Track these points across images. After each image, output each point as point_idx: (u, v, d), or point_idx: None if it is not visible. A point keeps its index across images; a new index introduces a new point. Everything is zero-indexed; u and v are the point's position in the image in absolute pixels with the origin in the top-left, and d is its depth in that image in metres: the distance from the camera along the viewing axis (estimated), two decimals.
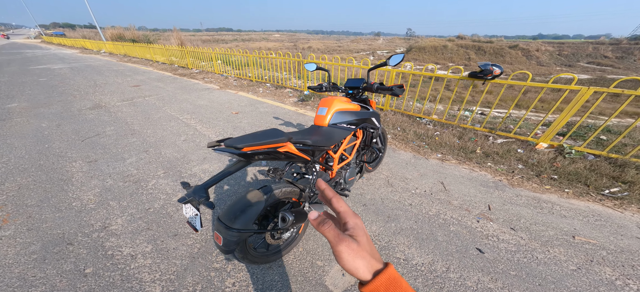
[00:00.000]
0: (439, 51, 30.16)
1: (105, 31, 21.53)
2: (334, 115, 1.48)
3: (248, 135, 0.98)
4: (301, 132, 1.32)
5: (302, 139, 1.20)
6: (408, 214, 1.87)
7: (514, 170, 2.57)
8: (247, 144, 0.91)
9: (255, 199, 1.13)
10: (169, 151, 2.71)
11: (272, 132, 1.03)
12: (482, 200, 2.07)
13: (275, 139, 1.01)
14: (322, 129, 1.42)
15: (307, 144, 1.21)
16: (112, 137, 2.98)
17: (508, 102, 10.91)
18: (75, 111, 3.88)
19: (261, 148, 0.96)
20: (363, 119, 1.67)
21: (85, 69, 8.39)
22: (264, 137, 0.99)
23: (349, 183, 1.83)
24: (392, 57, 1.52)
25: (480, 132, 3.41)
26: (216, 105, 4.51)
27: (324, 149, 1.37)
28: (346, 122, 1.54)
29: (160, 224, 1.74)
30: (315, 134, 1.33)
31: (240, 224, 1.04)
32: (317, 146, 1.29)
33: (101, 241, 1.58)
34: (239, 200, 1.13)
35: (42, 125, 3.26)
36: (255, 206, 1.10)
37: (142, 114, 3.83)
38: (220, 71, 7.62)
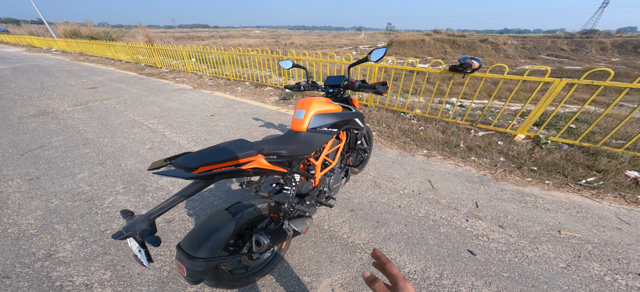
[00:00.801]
0: (418, 45, 31.08)
1: (57, 27, 19.11)
2: (313, 119, 1.32)
3: (207, 151, 0.80)
4: (275, 141, 1.15)
5: (276, 150, 1.05)
6: (397, 218, 1.80)
7: (496, 163, 2.60)
8: (202, 163, 0.74)
9: (223, 221, 0.95)
10: (131, 162, 2.37)
11: (238, 145, 0.88)
12: (469, 197, 2.06)
13: (242, 153, 0.84)
14: (300, 135, 1.27)
15: (282, 155, 1.06)
16: (60, 148, 2.55)
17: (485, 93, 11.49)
18: (15, 119, 3.31)
19: (222, 167, 0.80)
20: (345, 121, 1.53)
21: (30, 70, 7.35)
22: (226, 152, 0.82)
23: (334, 190, 1.69)
24: (374, 52, 1.38)
25: (462, 125, 3.45)
26: (188, 107, 4.12)
27: (303, 157, 1.22)
28: (327, 126, 1.39)
29: (121, 247, 1.49)
30: (292, 142, 1.18)
31: (206, 252, 0.87)
32: (294, 156, 1.14)
33: (46, 270, 1.34)
34: (204, 223, 0.95)
35: None
36: (223, 230, 0.93)
37: (99, 120, 3.36)
38: (194, 70, 7.07)
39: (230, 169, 0.83)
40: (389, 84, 1.88)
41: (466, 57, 2.96)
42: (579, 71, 19.11)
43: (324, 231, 1.71)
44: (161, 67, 7.98)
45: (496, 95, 9.51)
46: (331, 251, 1.54)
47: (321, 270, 1.42)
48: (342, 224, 1.76)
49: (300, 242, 1.60)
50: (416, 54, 29.03)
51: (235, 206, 1.05)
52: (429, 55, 28.97)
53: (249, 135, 3.11)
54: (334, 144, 1.63)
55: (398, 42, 32.07)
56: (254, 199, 1.13)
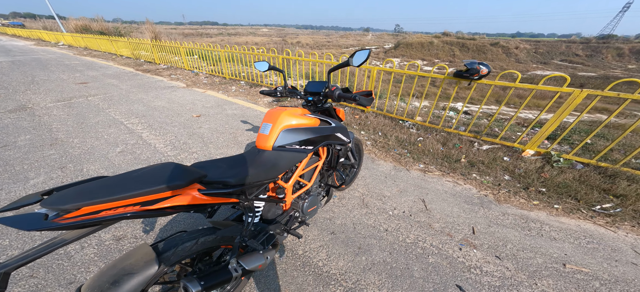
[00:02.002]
0: (426, 47, 30.51)
1: (69, 22, 19.45)
2: (281, 135, 1.08)
3: (111, 180, 0.62)
4: (228, 163, 0.92)
5: (222, 177, 0.83)
6: (382, 244, 1.61)
7: (500, 182, 2.34)
8: (87, 202, 0.54)
9: (141, 262, 0.73)
10: (95, 167, 2.17)
11: (162, 173, 0.69)
12: (466, 221, 1.84)
13: (159, 186, 0.64)
14: (263, 156, 1.03)
15: (229, 184, 0.84)
16: (23, 149, 2.37)
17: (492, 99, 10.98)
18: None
19: (119, 206, 0.60)
20: (324, 137, 1.28)
21: (29, 63, 7.33)
22: (135, 184, 0.62)
23: (309, 214, 1.45)
24: (356, 54, 1.13)
25: (465, 137, 3.15)
26: (176, 106, 3.94)
27: (263, 183, 0.99)
28: (299, 143, 1.14)
29: (51, 268, 1.27)
30: (250, 164, 0.95)
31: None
32: (250, 183, 0.91)
33: None
34: (116, 263, 0.73)
35: None
36: (138, 275, 0.71)
37: (76, 118, 3.19)
38: (191, 67, 6.92)
39: (134, 211, 0.62)
40: (375, 93, 1.62)
41: (473, 62, 2.67)
42: (594, 78, 18.31)
43: (297, 256, 1.50)
44: (159, 63, 7.86)
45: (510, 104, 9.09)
46: (302, 281, 1.35)
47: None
48: (320, 249, 1.55)
49: (268, 267, 1.39)
50: (423, 57, 28.49)
51: (168, 240, 0.84)
52: (437, 58, 28.39)
53: (233, 141, 2.89)
54: (312, 162, 1.39)
55: (405, 44, 31.57)
56: (195, 233, 0.91)
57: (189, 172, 0.73)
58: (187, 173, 0.73)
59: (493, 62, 25.97)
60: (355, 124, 3.58)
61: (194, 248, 0.87)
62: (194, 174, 0.74)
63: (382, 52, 32.48)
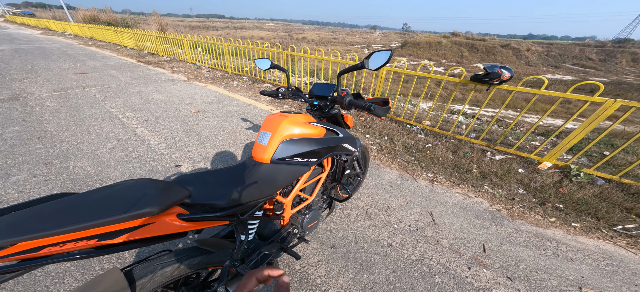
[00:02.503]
0: (434, 47, 29.93)
1: (78, 12, 19.55)
2: (281, 147, 0.94)
3: (65, 203, 0.49)
4: (218, 176, 0.79)
5: (209, 199, 0.69)
6: (386, 260, 1.50)
7: (514, 196, 2.18)
8: (22, 237, 0.41)
9: (107, 291, 0.59)
10: (82, 164, 2.04)
11: (133, 193, 0.56)
12: (477, 237, 1.72)
13: (125, 214, 0.50)
14: (260, 170, 0.88)
15: (217, 207, 0.70)
16: (9, 142, 2.26)
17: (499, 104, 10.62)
18: None
19: (74, 239, 0.47)
20: (329, 148, 1.13)
21: (32, 51, 7.27)
22: (100, 209, 0.50)
23: (309, 229, 1.31)
24: (374, 56, 0.95)
25: (477, 145, 2.95)
26: (175, 100, 3.80)
27: (258, 202, 0.85)
28: (301, 155, 0.99)
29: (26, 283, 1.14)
30: (243, 181, 0.81)
31: None
32: (243, 204, 0.77)
33: None
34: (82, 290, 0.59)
35: None
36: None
37: (69, 110, 3.08)
38: (193, 60, 6.78)
39: (87, 249, 0.49)
40: (392, 102, 1.45)
41: (495, 66, 2.47)
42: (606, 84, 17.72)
43: (294, 272, 1.39)
44: (162, 55, 7.74)
45: (512, 107, 8.77)
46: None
47: None
48: (318, 265, 1.43)
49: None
50: (431, 57, 27.97)
51: (144, 264, 0.72)
52: (444, 58, 27.85)
53: (231, 140, 2.74)
54: (314, 174, 1.25)
55: (413, 43, 31.02)
56: (177, 255, 0.78)
57: (168, 193, 0.59)
58: (165, 194, 0.58)
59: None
60: (360, 126, 3.41)
61: (175, 273, 0.74)
62: (173, 196, 0.60)
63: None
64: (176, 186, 0.66)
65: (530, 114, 9.09)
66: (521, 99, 9.64)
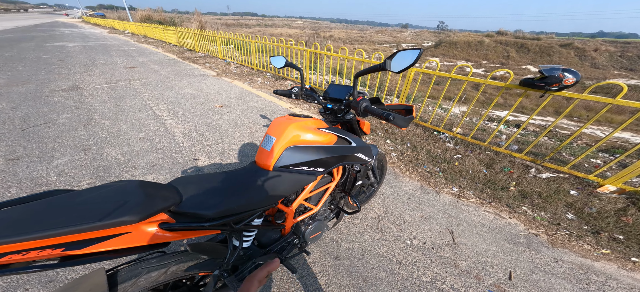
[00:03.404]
0: (473, 47, 27.37)
1: (137, 13, 22.28)
2: (285, 153, 0.87)
3: (14, 213, 0.45)
4: (214, 181, 0.75)
5: (197, 207, 0.64)
6: (392, 278, 1.37)
7: (559, 221, 1.86)
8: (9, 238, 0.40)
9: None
10: (115, 152, 2.24)
11: (114, 197, 0.54)
12: (503, 263, 1.52)
13: (97, 223, 0.46)
14: (260, 178, 0.83)
15: (205, 218, 0.64)
16: (60, 127, 2.59)
17: (550, 112, 9.17)
18: (46, 92, 3.60)
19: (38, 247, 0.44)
20: (340, 158, 1.03)
21: (96, 48, 8.41)
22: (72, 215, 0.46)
23: (311, 240, 1.23)
24: (398, 55, 0.80)
25: (520, 160, 2.55)
26: (203, 95, 4.03)
27: (256, 211, 0.79)
28: (306, 164, 0.91)
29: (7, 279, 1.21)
30: (240, 188, 0.77)
31: None
32: (237, 213, 0.72)
33: None
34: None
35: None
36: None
37: (114, 101, 3.44)
38: (224, 56, 7.17)
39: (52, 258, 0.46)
40: (416, 112, 1.29)
41: (555, 69, 2.09)
42: None
43: (292, 281, 1.32)
44: (198, 51, 8.34)
45: (569, 117, 7.53)
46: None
47: None
48: (319, 275, 1.36)
49: None
50: (469, 57, 25.60)
51: (130, 266, 0.69)
52: (486, 59, 25.26)
53: (248, 136, 2.78)
54: (322, 183, 1.16)
55: (448, 42, 28.76)
56: (167, 258, 0.75)
57: (153, 200, 0.56)
58: (150, 202, 0.55)
59: None
60: (380, 130, 3.20)
61: (161, 278, 0.71)
62: (158, 204, 0.56)
63: None
64: (166, 191, 0.63)
65: (595, 126, 7.68)
66: (580, 107, 8.21)
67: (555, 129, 4.53)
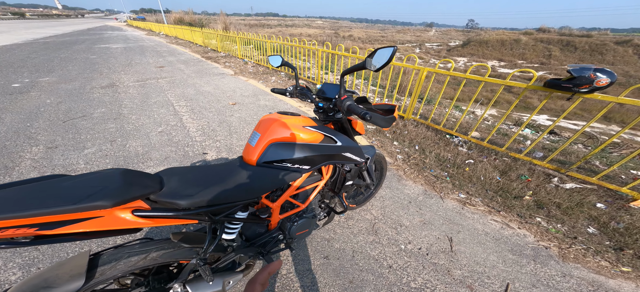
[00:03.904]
0: (507, 46, 25.16)
1: (170, 15, 24.22)
2: (268, 149, 0.89)
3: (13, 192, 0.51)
4: (198, 173, 0.79)
5: (173, 196, 0.66)
6: (379, 282, 1.35)
7: (577, 234, 1.70)
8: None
9: (64, 277, 0.63)
10: (136, 144, 2.48)
11: (94, 182, 0.58)
12: (502, 274, 1.44)
13: (69, 206, 0.50)
14: (242, 172, 0.86)
15: (180, 207, 0.67)
16: (94, 120, 2.93)
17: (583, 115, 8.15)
18: (88, 89, 4.08)
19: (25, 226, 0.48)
20: (326, 156, 1.04)
21: (134, 49, 9.29)
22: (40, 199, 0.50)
23: (297, 238, 1.25)
24: (378, 53, 0.82)
25: (541, 168, 2.32)
26: (219, 92, 4.26)
27: (235, 204, 0.82)
28: (291, 161, 0.93)
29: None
30: (221, 181, 0.79)
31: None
32: (213, 205, 0.74)
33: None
34: (39, 274, 0.65)
35: (46, 101, 3.44)
36: (58, 289, 0.61)
37: (141, 98, 3.79)
38: (242, 56, 7.48)
39: (27, 236, 0.50)
40: (397, 112, 1.26)
41: (585, 68, 1.88)
42: None
43: (280, 276, 1.35)
44: (220, 51, 8.80)
45: (608, 120, 6.62)
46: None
47: None
48: (305, 273, 1.37)
49: (242, 283, 1.28)
50: (502, 57, 23.57)
51: (114, 251, 0.74)
52: (522, 58, 23.07)
53: None
54: (310, 181, 1.16)
55: (478, 41, 26.77)
56: (150, 244, 0.80)
57: (130, 188, 0.59)
58: (126, 189, 0.58)
59: (614, 66, 19.42)
60: (388, 131, 3.12)
61: (140, 263, 0.74)
62: (134, 191, 0.60)
63: (446, 50, 28.46)
64: (147, 180, 0.66)
65: (635, 131, 6.62)
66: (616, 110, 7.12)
67: (599, 136, 4.01)
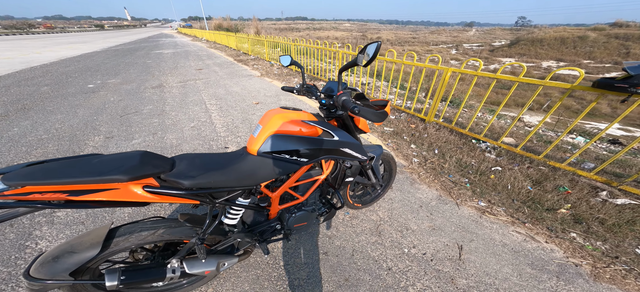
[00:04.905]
0: (569, 44, 21.79)
1: (212, 22, 26.81)
2: (269, 140, 0.96)
3: (56, 165, 0.64)
4: (206, 159, 0.88)
5: (178, 176, 0.76)
6: (376, 284, 1.32)
7: (620, 254, 1.47)
8: (40, 181, 0.57)
9: (88, 242, 0.80)
10: (171, 137, 2.84)
11: (116, 162, 0.69)
12: (515, 288, 1.31)
13: (93, 177, 0.62)
14: (244, 160, 0.94)
15: (183, 187, 0.75)
16: (143, 116, 3.42)
17: None
18: (142, 89, 4.76)
19: (58, 192, 0.60)
20: (326, 151, 1.08)
21: (181, 54, 10.48)
22: (75, 170, 0.63)
23: (295, 230, 1.29)
24: (367, 49, 0.88)
25: (587, 180, 2.01)
26: (245, 93, 4.59)
27: (234, 189, 0.91)
28: (289, 152, 0.99)
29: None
30: (224, 167, 0.88)
31: (43, 273, 0.74)
32: (212, 188, 0.83)
33: None
34: (68, 242, 0.82)
35: (110, 99, 4.11)
36: (79, 254, 0.78)
37: (181, 97, 4.29)
38: (270, 58, 7.89)
39: (59, 200, 0.61)
40: (389, 108, 1.25)
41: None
42: None
43: (278, 266, 1.40)
44: (251, 54, 9.41)
45: None
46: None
47: None
48: (303, 267, 1.40)
49: (240, 267, 1.37)
50: (561, 56, 20.46)
51: (129, 225, 0.88)
52: (589, 57, 19.73)
53: None
54: (310, 175, 1.21)
55: (529, 40, 23.71)
56: (160, 222, 0.93)
57: (144, 167, 0.70)
58: (141, 168, 0.69)
59: None
60: (406, 134, 3.00)
61: (149, 238, 0.86)
62: (147, 170, 0.70)
63: (488, 50, 25.73)
64: (160, 162, 0.77)
65: None
66: None
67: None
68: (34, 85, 4.92)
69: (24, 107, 3.65)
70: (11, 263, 1.37)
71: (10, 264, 1.36)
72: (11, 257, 1.40)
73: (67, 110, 3.55)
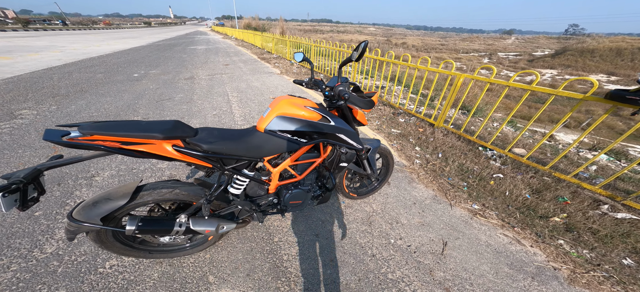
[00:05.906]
0: (625, 56, 19.35)
1: (242, 21, 28.29)
2: (274, 120, 1.11)
3: (115, 123, 0.86)
4: (223, 133, 1.08)
5: (199, 142, 0.95)
6: (359, 267, 1.42)
7: (604, 262, 1.48)
8: (97, 132, 0.79)
9: (120, 193, 0.99)
10: (195, 121, 3.21)
11: (156, 125, 0.87)
12: (488, 284, 1.37)
13: (137, 134, 0.84)
14: (252, 135, 1.11)
15: (201, 149, 0.94)
16: (175, 102, 3.87)
17: None
18: (176, 79, 5.33)
19: (115, 141, 0.80)
20: (323, 133, 1.25)
21: (212, 50, 11.32)
22: (128, 128, 0.84)
23: (291, 206, 1.44)
24: (360, 47, 1.13)
25: (590, 192, 1.96)
26: (264, 88, 4.92)
27: (242, 159, 1.11)
28: (291, 132, 1.17)
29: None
30: (235, 139, 1.06)
31: (82, 216, 0.94)
32: (226, 155, 1.02)
33: None
34: (105, 191, 1.05)
35: (150, 87, 4.68)
36: (112, 202, 0.96)
37: (208, 88, 4.74)
38: (290, 58, 8.23)
39: (114, 147, 0.80)
40: (376, 98, 1.39)
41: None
42: None
43: (271, 241, 1.53)
44: (273, 53, 9.86)
45: None
46: (258, 266, 1.38)
47: (232, 278, 1.31)
48: (293, 244, 1.52)
49: (237, 238, 1.53)
50: (614, 70, 18.25)
51: (154, 183, 1.07)
52: None
53: None
54: (308, 156, 1.37)
55: (578, 50, 21.44)
56: (178, 184, 1.11)
57: (175, 131, 0.88)
58: (173, 131, 0.88)
59: None
60: (413, 137, 3.06)
61: (168, 196, 1.05)
62: (177, 133, 0.88)
63: (526, 60, 23.66)
64: (188, 129, 0.97)
65: None
66: None
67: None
68: (91, 72, 5.75)
69: (81, 90, 4.33)
70: (52, 217, 1.58)
71: (51, 218, 1.57)
72: (53, 212, 1.62)
73: (115, 94, 4.14)
